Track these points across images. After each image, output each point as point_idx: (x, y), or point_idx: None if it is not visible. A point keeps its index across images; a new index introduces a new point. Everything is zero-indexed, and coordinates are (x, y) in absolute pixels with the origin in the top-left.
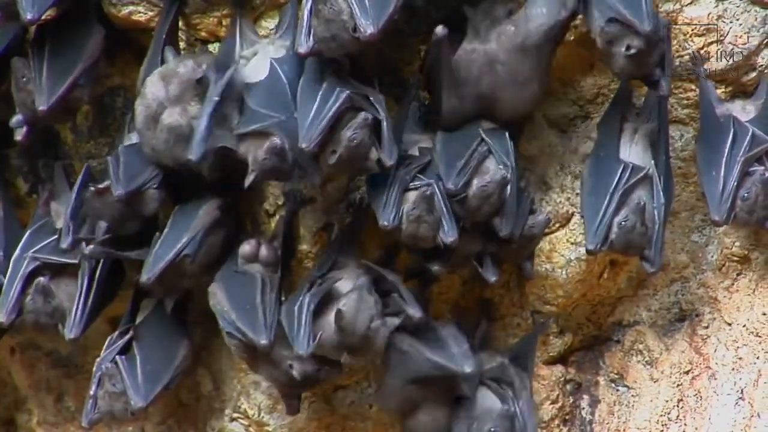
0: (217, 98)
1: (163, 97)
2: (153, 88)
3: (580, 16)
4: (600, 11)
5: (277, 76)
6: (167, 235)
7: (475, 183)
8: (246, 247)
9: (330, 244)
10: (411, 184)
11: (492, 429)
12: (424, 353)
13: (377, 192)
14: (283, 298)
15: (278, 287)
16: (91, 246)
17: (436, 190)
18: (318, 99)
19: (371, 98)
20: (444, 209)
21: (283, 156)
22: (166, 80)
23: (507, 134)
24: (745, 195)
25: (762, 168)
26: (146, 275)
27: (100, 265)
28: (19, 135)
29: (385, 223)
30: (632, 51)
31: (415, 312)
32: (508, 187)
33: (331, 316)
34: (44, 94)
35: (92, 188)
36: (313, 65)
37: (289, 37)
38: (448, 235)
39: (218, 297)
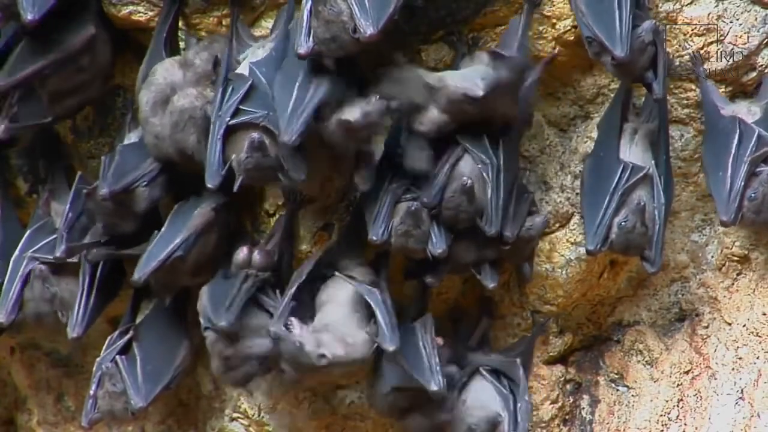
0: (224, 127)
1: (179, 81)
2: (167, 72)
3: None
4: (581, 28)
5: (258, 80)
6: (163, 234)
7: (446, 194)
8: (239, 256)
9: (328, 246)
10: (402, 196)
11: (473, 426)
12: (404, 364)
13: (370, 203)
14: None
15: (260, 284)
16: (94, 250)
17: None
18: (295, 91)
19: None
20: (434, 222)
21: (264, 151)
22: (184, 68)
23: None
24: (752, 195)
25: None
26: (137, 274)
27: (101, 264)
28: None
29: (374, 238)
30: (616, 61)
31: (389, 346)
32: (487, 186)
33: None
34: (5, 72)
35: (83, 190)
36: (290, 59)
37: (275, 40)
38: (437, 247)
39: (202, 299)
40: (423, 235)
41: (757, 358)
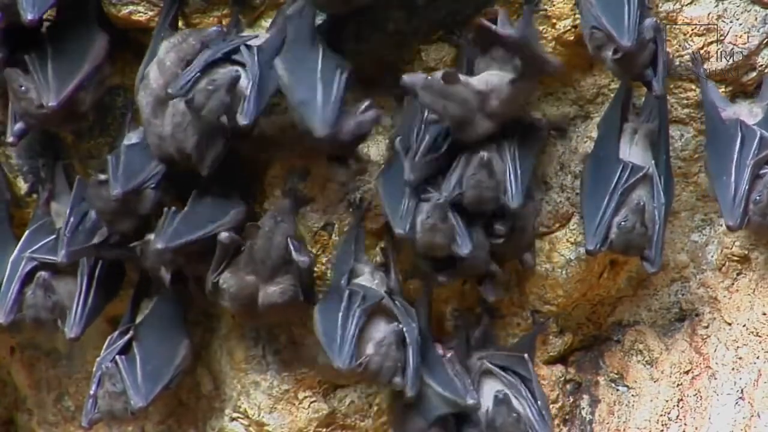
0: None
1: (164, 84)
2: (156, 75)
3: (578, 17)
4: (586, 19)
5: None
6: (189, 215)
7: (467, 173)
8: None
9: (343, 250)
10: (423, 195)
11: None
12: (437, 390)
13: (392, 200)
14: None
15: None
16: (103, 247)
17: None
18: (319, 80)
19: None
20: (457, 220)
21: None
22: (161, 68)
23: None
24: (757, 198)
25: None
26: (164, 243)
27: (99, 264)
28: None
29: (400, 231)
30: (618, 55)
31: (409, 391)
32: (504, 159)
33: (370, 338)
34: (53, 92)
35: (97, 179)
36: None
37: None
38: (463, 247)
39: None
40: (449, 230)
41: (757, 358)
